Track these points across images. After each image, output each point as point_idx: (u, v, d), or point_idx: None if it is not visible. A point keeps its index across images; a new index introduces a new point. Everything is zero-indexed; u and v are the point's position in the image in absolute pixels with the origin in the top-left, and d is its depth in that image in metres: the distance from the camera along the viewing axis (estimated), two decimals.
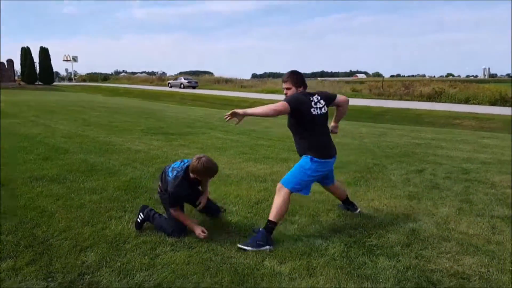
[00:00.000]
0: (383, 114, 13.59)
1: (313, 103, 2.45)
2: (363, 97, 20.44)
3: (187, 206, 2.74)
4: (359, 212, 2.93)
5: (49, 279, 1.96)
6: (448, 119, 12.10)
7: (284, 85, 2.49)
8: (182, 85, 31.37)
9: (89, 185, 3.58)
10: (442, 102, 17.20)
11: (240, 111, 2.27)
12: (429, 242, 2.46)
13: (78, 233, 2.50)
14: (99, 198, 3.19)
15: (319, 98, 2.49)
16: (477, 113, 12.46)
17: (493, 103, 16.08)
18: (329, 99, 2.57)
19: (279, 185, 2.45)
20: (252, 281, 1.98)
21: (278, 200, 2.39)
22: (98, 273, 2.03)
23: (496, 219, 2.86)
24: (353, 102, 17.53)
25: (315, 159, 2.41)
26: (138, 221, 2.60)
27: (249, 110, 2.30)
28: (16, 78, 36.46)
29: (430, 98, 18.22)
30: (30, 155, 4.79)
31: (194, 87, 30.75)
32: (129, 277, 1.99)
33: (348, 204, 2.96)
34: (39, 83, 36.06)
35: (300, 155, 2.52)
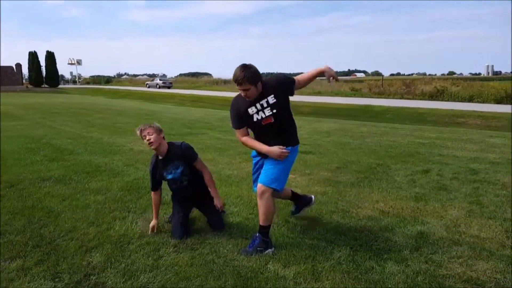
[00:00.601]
0: (384, 113, 13.44)
1: None
2: (362, 96, 20.25)
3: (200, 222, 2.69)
4: (314, 199, 2.69)
5: (56, 280, 1.97)
6: (452, 117, 11.92)
7: (241, 87, 2.11)
8: (157, 86, 34.26)
9: (94, 185, 3.60)
10: (445, 100, 16.96)
11: None
12: (439, 245, 2.35)
13: (84, 233, 2.51)
14: (104, 199, 3.20)
15: None
16: (482, 112, 12.23)
17: (499, 101, 15.75)
18: None
19: (261, 188, 2.19)
20: (256, 284, 1.93)
21: (266, 204, 2.19)
22: (104, 274, 2.02)
23: (510, 222, 2.72)
24: (353, 101, 17.30)
25: (295, 146, 2.28)
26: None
27: None
28: (23, 81, 36.96)
29: (432, 96, 17.96)
30: (37, 156, 4.84)
31: (168, 87, 33.61)
32: (133, 279, 1.97)
33: (298, 198, 2.65)
34: (46, 86, 36.51)
35: (287, 145, 2.22)
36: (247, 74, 2.08)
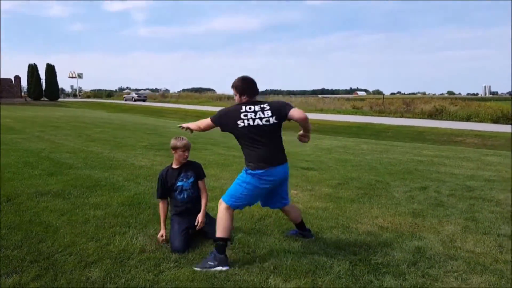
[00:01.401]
0: (384, 131, 13.66)
1: (243, 114, 2.31)
2: (363, 114, 20.60)
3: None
4: (314, 238, 2.73)
5: None
6: (450, 136, 12.14)
7: (232, 91, 2.47)
8: (133, 99, 39.03)
9: (94, 200, 3.60)
10: (444, 119, 17.26)
11: (187, 125, 2.66)
12: (436, 260, 2.43)
13: (83, 248, 2.51)
14: (103, 214, 3.20)
15: (265, 108, 2.34)
16: (479, 131, 12.49)
17: (495, 120, 16.11)
18: (279, 113, 2.33)
19: (220, 200, 2.41)
20: None
21: (219, 215, 2.35)
22: None
23: (503, 238, 2.83)
24: (354, 119, 17.51)
25: (249, 170, 2.31)
26: None
27: (191, 125, 2.62)
28: (22, 94, 37.09)
29: (431, 115, 18.30)
30: (35, 170, 4.83)
31: (143, 100, 38.35)
32: None
33: (302, 229, 2.73)
34: (45, 99, 36.64)
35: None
36: (237, 83, 2.42)
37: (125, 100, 39.82)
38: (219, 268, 2.23)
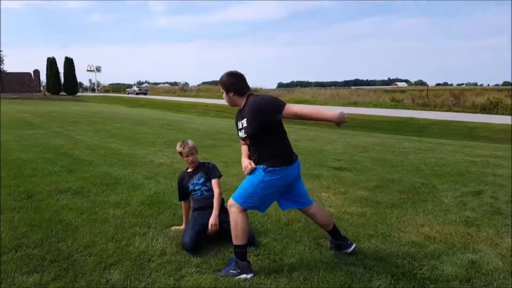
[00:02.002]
0: (429, 127, 13.13)
1: None
2: (404, 107, 19.97)
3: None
4: (352, 250, 2.53)
5: None
6: (507, 133, 11.46)
7: (227, 90, 2.36)
8: (135, 92, 44.89)
9: (113, 199, 3.74)
10: (499, 114, 16.33)
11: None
12: (494, 277, 2.29)
13: (102, 249, 2.61)
14: (123, 213, 3.32)
15: None
16: None
17: None
18: None
19: (230, 201, 2.32)
20: None
21: (233, 219, 2.28)
22: None
23: None
24: (394, 113, 16.82)
25: (269, 168, 2.23)
26: None
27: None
28: (41, 88, 39.31)
29: (484, 109, 17.48)
30: (55, 167, 5.10)
31: (144, 94, 43.97)
32: None
33: (336, 237, 2.56)
34: (64, 93, 38.64)
35: (257, 165, 2.31)
36: (223, 78, 2.37)
37: (128, 94, 45.06)
38: (243, 276, 2.24)
